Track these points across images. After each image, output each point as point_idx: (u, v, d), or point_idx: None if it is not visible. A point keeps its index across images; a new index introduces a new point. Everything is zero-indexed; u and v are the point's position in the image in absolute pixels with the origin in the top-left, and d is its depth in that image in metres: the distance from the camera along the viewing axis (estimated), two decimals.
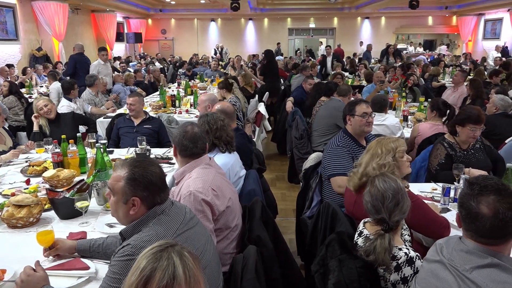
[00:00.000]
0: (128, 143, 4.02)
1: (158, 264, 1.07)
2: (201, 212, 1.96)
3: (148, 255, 1.10)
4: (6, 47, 10.84)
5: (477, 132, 3.00)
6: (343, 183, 2.80)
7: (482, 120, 3.00)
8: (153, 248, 1.12)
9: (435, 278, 1.42)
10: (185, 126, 2.24)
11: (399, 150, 2.26)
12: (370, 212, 1.87)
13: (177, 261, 1.09)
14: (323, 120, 4.58)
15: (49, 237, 1.88)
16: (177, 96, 6.33)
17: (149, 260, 1.09)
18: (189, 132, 2.19)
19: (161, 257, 1.09)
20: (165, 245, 1.13)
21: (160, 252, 1.10)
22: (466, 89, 6.03)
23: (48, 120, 4.07)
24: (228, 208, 2.11)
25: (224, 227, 2.09)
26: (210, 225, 1.99)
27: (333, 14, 20.30)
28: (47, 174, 2.79)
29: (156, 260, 1.08)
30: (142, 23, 20.01)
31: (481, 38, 18.15)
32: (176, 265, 1.08)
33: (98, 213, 2.42)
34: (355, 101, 3.10)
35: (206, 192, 2.00)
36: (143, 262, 1.09)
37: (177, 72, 11.58)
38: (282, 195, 4.95)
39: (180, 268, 1.07)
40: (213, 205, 2.01)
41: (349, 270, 1.72)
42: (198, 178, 2.07)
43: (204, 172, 2.13)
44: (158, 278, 1.05)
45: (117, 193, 1.60)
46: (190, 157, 2.19)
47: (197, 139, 2.19)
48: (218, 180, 2.15)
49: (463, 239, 1.43)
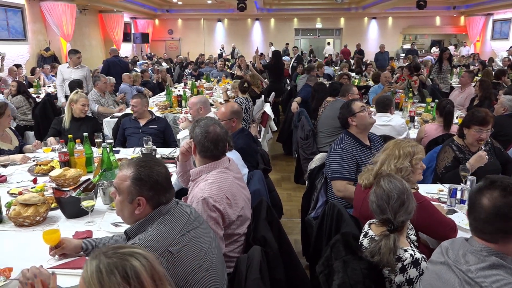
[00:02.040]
0: (134, 144, 4.03)
1: (131, 265, 1.09)
2: (213, 219, 1.93)
3: (110, 271, 1.07)
4: (15, 47, 10.94)
5: (483, 134, 2.94)
6: (342, 188, 2.80)
7: (488, 122, 2.94)
8: (100, 266, 1.08)
9: (439, 280, 1.41)
10: (208, 125, 2.17)
11: (416, 157, 2.23)
12: (375, 212, 1.87)
13: (122, 250, 1.12)
14: (328, 121, 4.57)
15: (55, 236, 1.89)
16: (183, 96, 6.35)
17: (118, 269, 1.07)
18: (211, 133, 2.13)
19: (121, 257, 1.10)
20: (101, 255, 1.11)
21: (123, 259, 1.09)
22: (474, 89, 5.98)
23: (73, 116, 4.10)
24: (239, 217, 2.08)
25: (233, 234, 2.08)
26: (221, 232, 1.97)
27: (339, 14, 20.24)
28: (54, 173, 2.81)
29: (123, 262, 1.09)
30: (149, 24, 20.10)
31: (489, 39, 17.98)
32: (146, 256, 1.13)
33: (104, 212, 2.43)
34: (346, 103, 3.11)
35: (220, 201, 1.97)
36: (116, 277, 1.06)
37: (184, 72, 11.62)
38: (287, 195, 4.95)
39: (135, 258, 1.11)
40: (225, 214, 1.98)
41: (353, 271, 1.71)
42: (214, 184, 2.03)
43: (222, 177, 2.09)
44: (141, 267, 1.09)
45: (123, 193, 1.60)
46: (209, 158, 2.15)
47: (219, 140, 2.15)
48: (234, 187, 2.11)
49: (469, 239, 1.44)
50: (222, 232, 1.98)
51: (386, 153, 2.27)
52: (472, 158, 2.85)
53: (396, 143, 2.29)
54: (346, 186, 2.80)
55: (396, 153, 2.22)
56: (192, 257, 1.55)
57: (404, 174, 2.16)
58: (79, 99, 4.08)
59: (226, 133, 2.25)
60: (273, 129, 6.51)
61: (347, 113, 3.00)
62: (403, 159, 2.20)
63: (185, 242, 1.55)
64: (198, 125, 2.20)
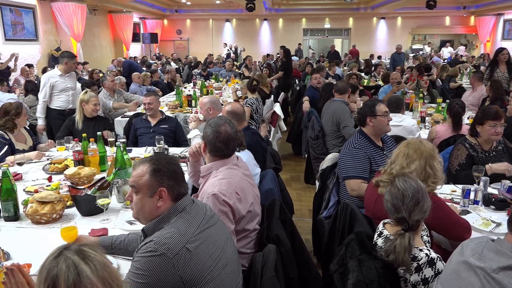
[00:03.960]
0: (146, 143, 4.07)
1: (57, 269, 1.08)
2: (224, 214, 1.96)
3: (47, 266, 1.10)
4: (26, 47, 11.07)
5: (498, 128, 2.94)
6: (356, 187, 2.80)
7: (500, 116, 2.95)
8: (49, 258, 1.12)
9: (458, 278, 1.41)
10: (219, 125, 2.18)
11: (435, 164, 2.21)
12: (390, 211, 1.87)
13: (75, 258, 1.10)
14: (328, 124, 4.57)
15: (72, 233, 1.92)
16: (193, 96, 6.39)
17: (49, 268, 1.09)
18: (222, 134, 2.15)
19: (57, 262, 1.09)
20: (58, 251, 1.12)
21: (55, 259, 1.10)
22: (486, 89, 5.92)
23: (85, 116, 4.14)
24: (249, 213, 2.11)
25: (243, 230, 2.10)
26: (232, 226, 2.00)
27: (348, 15, 20.19)
28: (68, 171, 2.84)
29: (55, 266, 1.08)
30: (158, 24, 20.22)
31: (499, 39, 17.81)
32: (76, 262, 1.09)
33: (119, 210, 2.47)
34: (373, 102, 3.08)
35: (230, 195, 2.00)
36: (44, 273, 1.09)
37: (192, 72, 11.67)
38: (297, 195, 4.96)
39: (81, 262, 1.09)
40: (235, 209, 2.01)
41: (368, 270, 1.72)
42: (223, 180, 2.06)
43: (231, 173, 2.12)
44: (63, 281, 1.06)
45: (142, 188, 1.61)
46: (220, 157, 2.18)
47: (230, 140, 2.17)
48: (243, 183, 2.14)
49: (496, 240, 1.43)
50: (233, 227, 2.02)
51: (405, 155, 2.23)
52: (497, 164, 2.87)
53: (416, 147, 2.24)
54: (361, 185, 2.80)
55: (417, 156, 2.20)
56: (209, 254, 1.57)
57: (426, 179, 2.15)
58: (90, 99, 4.10)
59: (236, 131, 2.26)
60: (283, 129, 6.52)
61: (368, 112, 2.99)
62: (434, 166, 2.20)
63: (202, 240, 1.57)
64: (209, 124, 2.23)
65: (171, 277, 1.46)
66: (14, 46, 10.03)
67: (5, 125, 3.55)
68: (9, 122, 3.56)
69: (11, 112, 3.57)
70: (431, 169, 2.17)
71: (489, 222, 2.31)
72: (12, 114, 3.57)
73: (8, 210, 2.30)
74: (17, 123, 3.61)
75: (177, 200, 1.62)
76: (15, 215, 2.32)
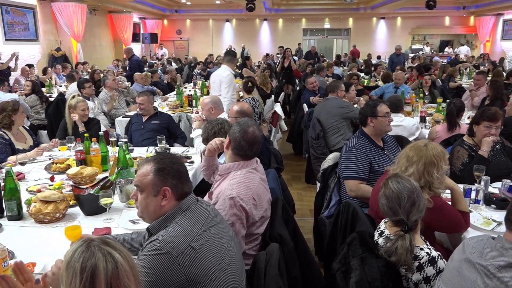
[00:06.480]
0: (136, 140, 4.10)
1: (95, 258, 1.08)
2: (238, 218, 1.96)
3: (78, 258, 1.09)
4: (27, 48, 11.07)
5: (493, 130, 2.94)
6: (354, 187, 2.82)
7: (497, 118, 2.95)
8: (77, 250, 1.11)
9: (460, 276, 1.42)
10: (248, 126, 2.19)
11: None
12: (387, 214, 1.87)
13: (107, 248, 1.11)
14: (328, 121, 4.62)
15: (76, 232, 1.93)
16: (194, 96, 6.40)
17: (83, 259, 1.09)
18: (249, 134, 2.15)
19: (93, 252, 1.10)
20: (86, 243, 1.13)
21: (88, 250, 1.10)
22: (486, 89, 5.93)
23: (74, 123, 4.11)
24: (262, 218, 2.12)
25: (252, 234, 2.11)
26: (243, 231, 2.00)
27: (348, 15, 20.20)
28: (71, 171, 2.85)
29: (91, 256, 1.09)
30: (158, 24, 20.22)
31: (499, 39, 17.84)
32: (109, 251, 1.10)
33: (122, 210, 2.47)
34: (374, 103, 3.09)
35: (247, 201, 2.00)
36: (77, 265, 1.08)
37: (193, 72, 11.67)
38: (298, 195, 4.97)
39: (113, 251, 1.11)
40: (250, 215, 2.01)
41: (371, 268, 1.73)
42: (242, 183, 2.05)
43: (250, 177, 2.12)
44: (102, 269, 1.07)
45: (147, 187, 1.62)
46: (241, 157, 2.17)
47: (255, 143, 2.17)
48: (260, 188, 2.14)
49: (497, 238, 1.44)
50: (245, 232, 2.01)
51: (412, 157, 2.18)
52: (482, 144, 2.91)
53: (419, 149, 2.20)
54: (359, 186, 2.82)
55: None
56: (213, 252, 1.58)
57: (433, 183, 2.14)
58: (77, 104, 4.01)
59: (262, 137, 2.28)
60: (283, 128, 6.53)
61: (370, 112, 2.99)
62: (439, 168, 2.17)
63: (206, 238, 1.58)
64: (238, 122, 2.24)
65: (176, 275, 1.47)
66: (14, 46, 10.02)
67: (2, 121, 3.56)
68: (6, 118, 3.56)
69: (8, 109, 3.57)
70: (429, 177, 2.11)
71: (490, 221, 2.32)
72: (9, 111, 3.56)
73: (12, 209, 2.31)
74: (14, 120, 3.61)
75: (181, 199, 1.63)
76: (18, 214, 2.33)
